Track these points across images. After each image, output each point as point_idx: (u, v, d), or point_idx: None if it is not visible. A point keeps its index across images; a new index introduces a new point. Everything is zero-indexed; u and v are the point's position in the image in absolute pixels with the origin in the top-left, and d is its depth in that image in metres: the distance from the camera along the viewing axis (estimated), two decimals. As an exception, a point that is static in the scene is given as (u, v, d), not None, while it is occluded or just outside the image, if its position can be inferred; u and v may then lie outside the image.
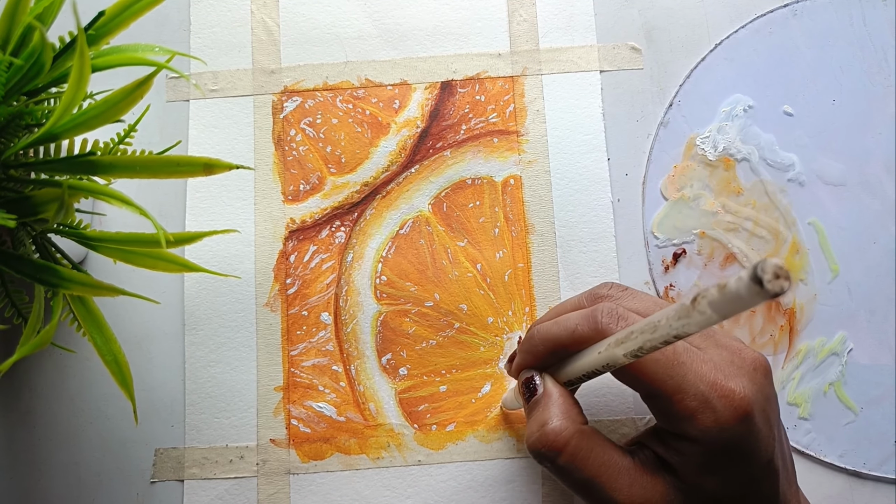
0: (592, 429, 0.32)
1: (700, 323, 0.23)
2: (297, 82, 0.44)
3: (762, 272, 0.20)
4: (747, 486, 0.31)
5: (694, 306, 0.23)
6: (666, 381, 0.30)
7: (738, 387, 0.30)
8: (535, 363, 0.34)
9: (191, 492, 0.40)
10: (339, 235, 0.43)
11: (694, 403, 0.29)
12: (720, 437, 0.29)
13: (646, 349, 0.27)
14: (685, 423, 0.30)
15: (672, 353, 0.30)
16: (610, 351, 0.29)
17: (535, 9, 0.45)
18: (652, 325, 0.26)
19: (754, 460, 0.30)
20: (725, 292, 0.21)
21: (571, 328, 0.32)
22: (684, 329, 0.24)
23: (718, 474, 0.30)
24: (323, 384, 0.41)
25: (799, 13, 0.45)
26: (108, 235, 0.31)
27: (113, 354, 0.32)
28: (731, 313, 0.22)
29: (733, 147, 0.43)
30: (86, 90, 0.27)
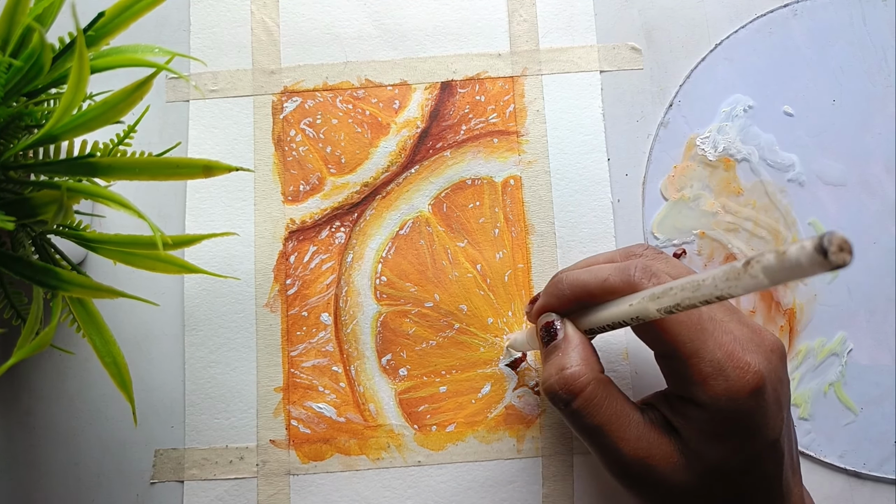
0: (609, 378, 0.33)
1: (748, 287, 0.23)
2: (296, 83, 0.44)
3: (829, 244, 0.19)
4: (751, 463, 0.31)
5: (746, 269, 0.23)
6: (686, 343, 0.30)
7: (753, 361, 0.30)
8: (558, 308, 0.34)
9: (191, 493, 0.40)
10: (339, 236, 0.43)
11: (708, 369, 0.30)
12: (729, 407, 0.30)
13: (682, 307, 0.27)
14: (697, 387, 0.30)
15: (697, 317, 0.30)
16: (644, 304, 0.29)
17: (535, 9, 0.45)
18: (695, 283, 0.26)
19: (760, 436, 0.30)
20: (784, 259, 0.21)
21: (603, 278, 0.32)
22: (729, 291, 0.24)
23: (723, 444, 0.30)
24: (323, 385, 0.41)
25: (799, 13, 0.45)
26: (107, 237, 0.31)
27: (112, 356, 0.32)
28: (784, 281, 0.22)
29: (733, 147, 0.43)
30: (85, 91, 0.27)
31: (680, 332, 0.30)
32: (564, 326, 0.34)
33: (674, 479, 0.31)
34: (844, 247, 0.20)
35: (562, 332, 0.34)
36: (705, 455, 0.31)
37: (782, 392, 0.32)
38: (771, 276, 0.22)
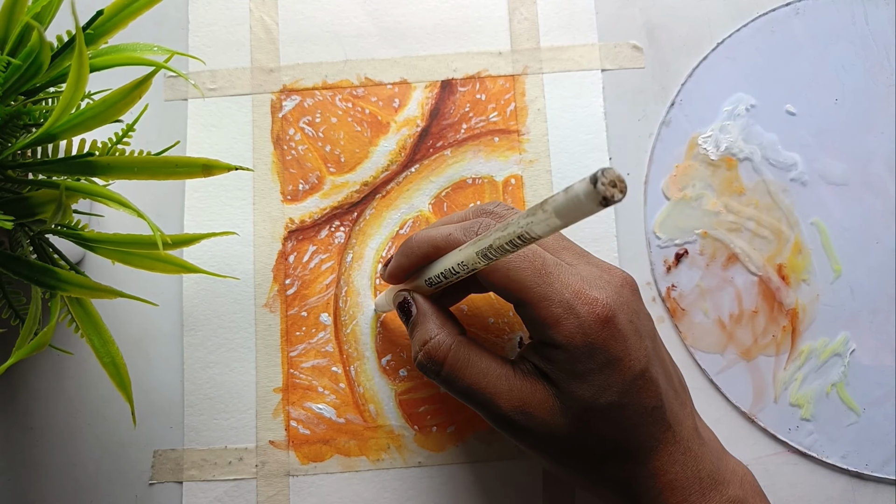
0: (469, 339, 0.34)
1: (543, 223, 0.24)
2: (295, 81, 0.44)
3: (601, 175, 0.21)
4: (624, 396, 0.31)
5: (541, 206, 0.24)
6: (532, 289, 0.31)
7: (601, 295, 0.31)
8: (409, 267, 0.35)
9: (189, 494, 0.39)
10: (339, 235, 0.43)
11: (558, 310, 0.31)
12: (584, 343, 0.30)
13: (495, 247, 0.28)
14: (551, 329, 0.31)
15: (541, 264, 0.31)
16: (466, 250, 0.30)
17: (535, 7, 0.45)
18: (505, 223, 0.27)
19: (624, 367, 0.31)
20: (567, 193, 0.22)
21: (447, 233, 0.33)
22: (531, 228, 0.25)
23: (588, 381, 0.31)
24: (322, 385, 0.41)
25: (801, 12, 0.45)
26: (106, 237, 0.31)
27: (111, 356, 0.32)
28: (573, 218, 0.23)
29: (735, 146, 0.43)
30: (84, 90, 0.27)
31: (524, 279, 0.31)
32: (415, 301, 0.35)
33: (553, 422, 0.32)
34: (618, 183, 0.21)
35: (415, 307, 0.35)
36: (576, 395, 0.31)
37: (640, 323, 0.32)
38: (559, 212, 0.23)
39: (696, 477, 0.32)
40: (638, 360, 0.31)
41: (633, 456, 0.32)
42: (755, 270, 0.42)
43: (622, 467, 0.32)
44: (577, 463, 0.33)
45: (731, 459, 0.34)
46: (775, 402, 0.41)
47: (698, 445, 0.33)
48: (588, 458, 0.32)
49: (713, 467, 0.32)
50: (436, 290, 0.35)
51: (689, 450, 0.32)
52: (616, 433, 0.32)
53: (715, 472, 0.32)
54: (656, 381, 0.32)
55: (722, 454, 0.34)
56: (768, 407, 0.41)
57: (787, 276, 0.42)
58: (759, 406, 0.41)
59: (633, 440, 0.32)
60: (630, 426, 0.31)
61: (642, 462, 0.32)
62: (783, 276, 0.42)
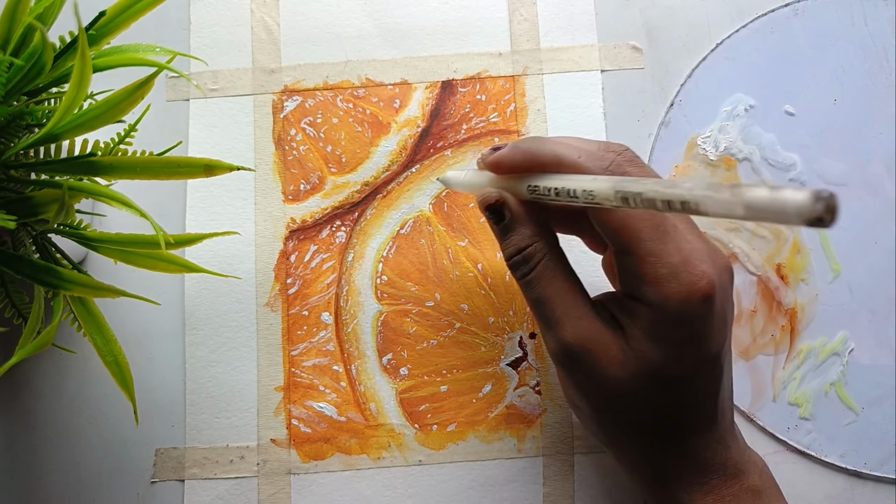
0: (563, 256, 0.34)
1: (723, 204, 0.22)
2: (297, 81, 0.44)
3: (827, 196, 0.19)
4: (692, 374, 0.31)
5: (731, 189, 0.22)
6: (646, 241, 0.30)
7: (708, 270, 0.30)
8: (520, 166, 0.33)
9: (191, 492, 0.40)
10: (340, 235, 0.43)
11: (664, 270, 0.30)
12: (678, 309, 0.30)
13: (645, 198, 0.26)
14: (650, 287, 0.30)
15: (661, 221, 0.31)
16: (605, 183, 0.28)
17: (535, 8, 0.45)
18: (670, 182, 0.25)
19: (703, 347, 0.31)
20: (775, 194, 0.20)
21: (576, 157, 0.32)
22: (704, 202, 0.23)
23: (666, 347, 0.31)
24: (323, 384, 0.41)
25: (800, 12, 0.45)
26: (108, 236, 0.31)
27: (113, 355, 0.32)
28: (760, 217, 0.21)
29: (735, 147, 0.43)
30: (87, 91, 0.27)
31: (642, 229, 0.30)
32: (509, 205, 0.34)
33: (610, 372, 0.31)
34: (833, 209, 0.19)
35: (508, 213, 0.34)
36: (646, 356, 0.31)
37: (728, 311, 0.32)
38: (749, 205, 0.21)
39: (722, 465, 0.32)
40: (717, 344, 0.31)
41: (674, 433, 0.32)
42: (754, 270, 0.42)
43: (658, 439, 0.32)
44: (619, 420, 0.33)
45: (751, 451, 0.35)
46: (774, 401, 0.41)
47: (731, 437, 0.33)
48: (632, 419, 0.32)
49: (738, 458, 0.33)
50: (531, 200, 0.33)
51: (723, 439, 0.33)
52: (668, 405, 0.32)
53: (739, 461, 0.33)
54: (722, 371, 0.32)
55: (745, 446, 0.34)
56: (767, 406, 0.41)
57: (786, 276, 0.42)
58: (758, 405, 0.41)
59: (680, 417, 0.32)
60: (684, 404, 0.32)
61: (679, 441, 0.32)
62: (782, 276, 0.42)
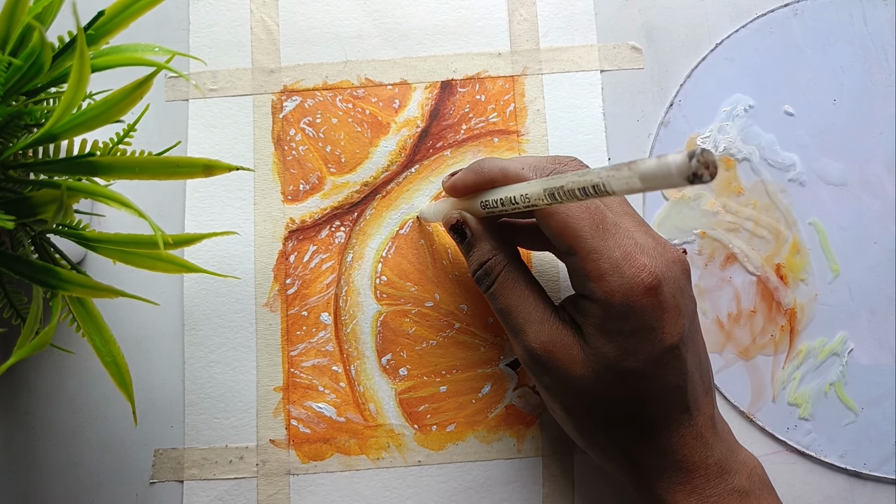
0: (523, 267, 0.36)
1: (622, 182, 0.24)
2: (296, 82, 0.44)
3: (700, 153, 0.21)
4: (650, 366, 0.31)
5: (628, 165, 0.24)
6: (586, 240, 0.31)
7: (650, 262, 0.31)
8: (473, 185, 0.36)
9: (190, 492, 0.40)
10: (339, 235, 0.43)
11: (605, 265, 0.31)
12: (622, 303, 0.31)
13: (566, 190, 0.28)
14: (594, 283, 0.31)
15: (601, 219, 0.32)
16: (534, 185, 0.30)
17: (535, 8, 0.45)
18: (584, 171, 0.27)
19: (655, 339, 0.31)
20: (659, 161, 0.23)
21: (520, 167, 0.34)
22: (609, 181, 0.25)
23: (616, 341, 0.31)
24: (323, 384, 0.41)
25: (800, 13, 0.45)
26: (107, 236, 0.31)
27: (112, 355, 0.32)
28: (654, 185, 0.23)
29: (734, 147, 0.43)
30: (85, 90, 0.27)
31: (582, 228, 0.32)
32: (468, 223, 0.36)
33: (574, 372, 0.32)
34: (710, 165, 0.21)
35: (469, 229, 0.36)
36: (601, 352, 0.32)
37: (683, 302, 0.32)
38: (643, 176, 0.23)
39: (703, 463, 0.32)
40: (671, 335, 0.31)
41: (646, 429, 0.32)
42: (753, 270, 0.42)
43: (632, 437, 0.33)
44: (589, 419, 0.33)
45: (742, 451, 0.34)
46: (773, 401, 0.41)
47: (711, 434, 0.33)
48: (600, 417, 0.33)
49: (722, 457, 0.33)
50: (487, 216, 0.36)
51: (701, 436, 0.33)
52: (632, 401, 0.32)
53: (723, 461, 0.33)
54: (684, 361, 0.32)
55: (734, 446, 0.34)
56: (766, 406, 0.41)
57: (786, 276, 0.42)
58: (758, 405, 0.41)
59: (647, 413, 0.32)
60: (648, 398, 0.32)
61: (653, 437, 0.32)
62: (781, 276, 0.42)
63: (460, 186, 0.36)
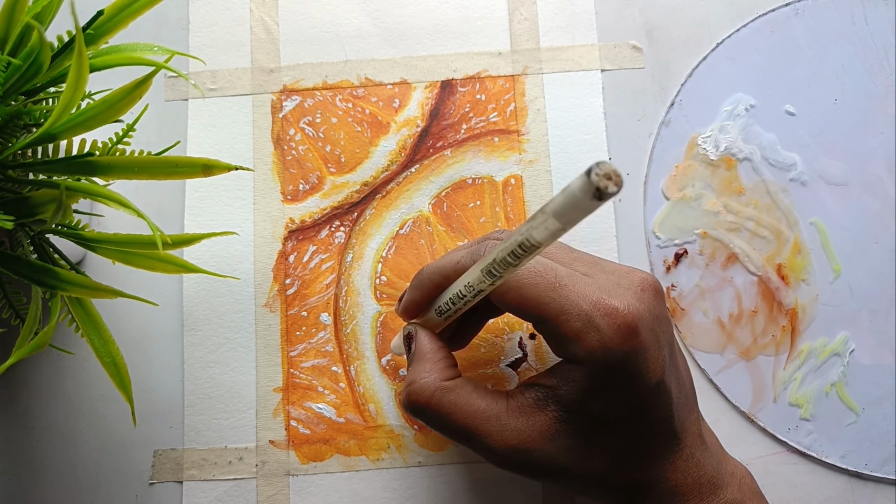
0: (459, 381, 0.32)
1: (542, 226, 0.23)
2: (296, 81, 0.44)
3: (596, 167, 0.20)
4: (635, 408, 0.30)
5: (541, 210, 0.23)
6: (549, 304, 0.30)
7: (621, 304, 0.29)
8: (422, 300, 0.34)
9: (190, 493, 0.39)
10: (339, 235, 0.43)
11: (578, 324, 0.29)
12: (605, 357, 0.29)
13: (498, 261, 0.27)
14: (571, 345, 0.29)
15: (553, 277, 0.30)
16: (473, 272, 0.29)
17: (535, 7, 0.45)
18: (508, 235, 0.26)
19: (642, 381, 0.30)
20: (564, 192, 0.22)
21: (455, 260, 0.33)
22: (531, 233, 0.24)
23: (604, 396, 0.30)
24: (322, 385, 0.41)
25: (800, 12, 0.45)
26: (106, 236, 0.31)
27: (111, 356, 0.32)
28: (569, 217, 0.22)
29: (735, 147, 0.43)
30: (84, 90, 0.27)
31: (538, 294, 0.30)
32: (416, 336, 0.34)
33: (554, 450, 0.31)
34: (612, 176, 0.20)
35: (414, 343, 0.34)
36: (588, 411, 0.30)
37: (661, 330, 0.31)
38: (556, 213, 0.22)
39: (696, 483, 0.32)
40: (655, 373, 0.30)
41: (638, 465, 0.31)
42: (754, 270, 0.42)
43: (627, 476, 0.32)
44: (583, 480, 0.32)
45: (730, 461, 0.34)
46: (775, 401, 0.41)
47: (701, 451, 0.32)
48: (593, 473, 0.31)
49: (713, 472, 0.32)
50: (449, 321, 0.34)
51: (692, 456, 0.32)
52: (622, 445, 0.31)
53: (715, 476, 0.32)
54: (669, 393, 0.31)
55: (722, 457, 0.34)
56: (768, 406, 0.41)
57: (787, 276, 0.42)
58: (759, 406, 0.41)
59: (637, 450, 0.31)
60: (637, 436, 0.31)
61: (646, 470, 0.31)
62: (782, 276, 0.42)
63: (411, 308, 0.35)
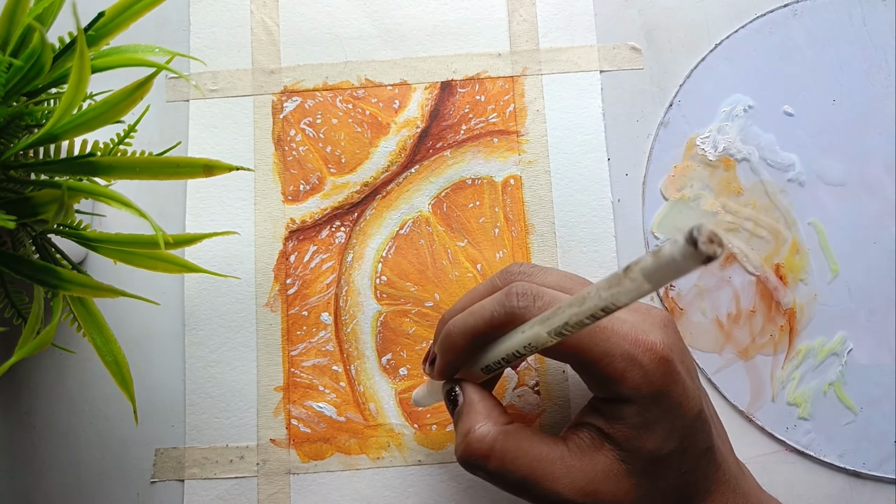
0: (517, 426, 0.32)
1: (631, 292, 0.23)
2: (296, 82, 0.44)
3: (698, 234, 0.19)
4: (685, 440, 0.31)
5: (626, 274, 0.22)
6: (592, 348, 0.30)
7: (657, 339, 0.30)
8: (456, 360, 0.33)
9: (191, 492, 0.40)
10: (339, 235, 0.43)
11: (622, 364, 0.29)
12: (651, 391, 0.30)
13: (571, 324, 0.26)
14: (617, 384, 0.30)
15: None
16: (534, 330, 0.28)
17: (534, 8, 0.45)
18: (580, 298, 0.25)
19: (685, 411, 0.30)
20: (660, 257, 0.21)
21: (488, 316, 0.31)
22: (614, 300, 0.24)
23: (656, 431, 0.30)
24: (323, 384, 0.41)
25: (799, 13, 0.45)
26: (107, 236, 0.31)
27: (113, 355, 0.32)
28: (664, 281, 0.22)
29: (733, 147, 0.43)
30: (86, 91, 0.27)
31: (582, 339, 0.30)
32: (463, 389, 0.33)
33: (620, 491, 0.30)
34: (715, 238, 0.19)
35: (461, 396, 0.33)
36: (644, 449, 0.30)
37: (688, 362, 0.32)
38: (650, 278, 0.22)
39: None
40: (695, 402, 0.31)
41: (691, 499, 0.32)
42: (753, 270, 0.42)
43: None
44: None
45: (764, 494, 0.34)
46: (773, 401, 0.41)
47: (743, 481, 0.33)
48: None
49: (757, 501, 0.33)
50: (492, 375, 0.33)
51: (738, 487, 0.32)
52: (678, 479, 0.31)
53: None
54: (709, 422, 0.31)
55: (759, 490, 0.34)
56: (766, 406, 0.41)
57: (785, 276, 0.42)
58: (757, 405, 0.41)
59: (691, 484, 0.31)
60: (689, 470, 0.31)
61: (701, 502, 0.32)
62: (781, 276, 0.42)
63: (449, 371, 0.34)
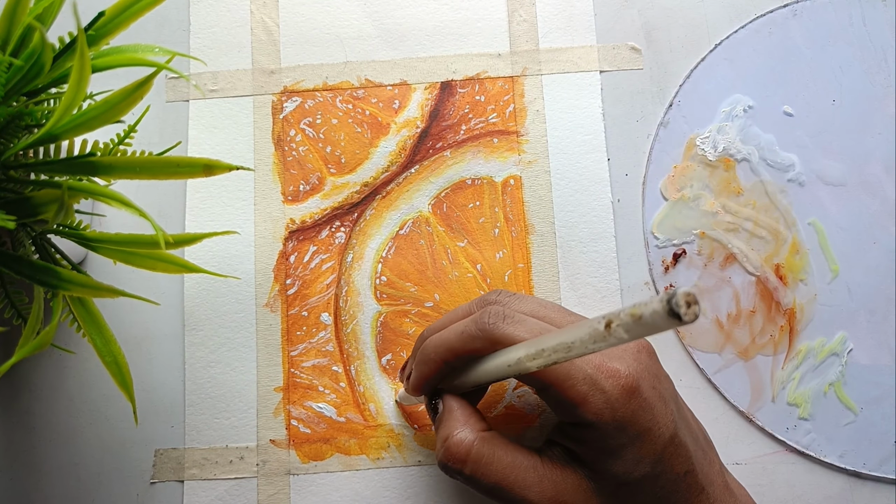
0: (493, 433, 0.33)
1: (614, 344, 0.24)
2: (296, 82, 0.44)
3: (677, 306, 0.20)
4: (657, 465, 0.31)
5: (609, 331, 0.24)
6: (554, 371, 0.30)
7: (622, 366, 0.31)
8: (430, 374, 0.34)
9: (191, 492, 0.40)
10: (339, 236, 0.43)
11: (584, 388, 0.30)
12: (614, 417, 0.30)
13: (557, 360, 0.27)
14: (579, 409, 0.30)
15: None
16: (522, 365, 0.29)
17: (534, 9, 0.45)
18: (566, 345, 0.26)
19: (654, 437, 0.30)
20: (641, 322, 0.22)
21: (460, 330, 0.33)
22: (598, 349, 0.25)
23: (622, 456, 0.30)
24: (323, 385, 0.41)
25: (799, 13, 0.45)
26: (107, 236, 0.31)
27: (113, 355, 0.32)
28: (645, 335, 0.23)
29: (733, 147, 0.43)
30: (86, 91, 0.27)
31: None
32: (443, 399, 0.35)
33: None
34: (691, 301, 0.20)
35: (441, 404, 0.34)
36: (610, 472, 0.31)
37: (663, 387, 0.32)
38: (632, 334, 0.23)
39: None
40: (666, 427, 0.31)
41: None
42: (753, 270, 0.42)
43: None
44: None
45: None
46: (773, 401, 0.41)
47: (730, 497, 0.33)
48: None
49: None
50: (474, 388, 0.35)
51: None
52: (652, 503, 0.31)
53: None
54: (685, 446, 0.31)
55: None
56: (766, 406, 0.41)
57: (785, 276, 0.42)
58: (757, 405, 0.41)
59: None
60: (665, 495, 0.31)
61: None
62: (781, 276, 0.42)
63: (425, 387, 0.35)
